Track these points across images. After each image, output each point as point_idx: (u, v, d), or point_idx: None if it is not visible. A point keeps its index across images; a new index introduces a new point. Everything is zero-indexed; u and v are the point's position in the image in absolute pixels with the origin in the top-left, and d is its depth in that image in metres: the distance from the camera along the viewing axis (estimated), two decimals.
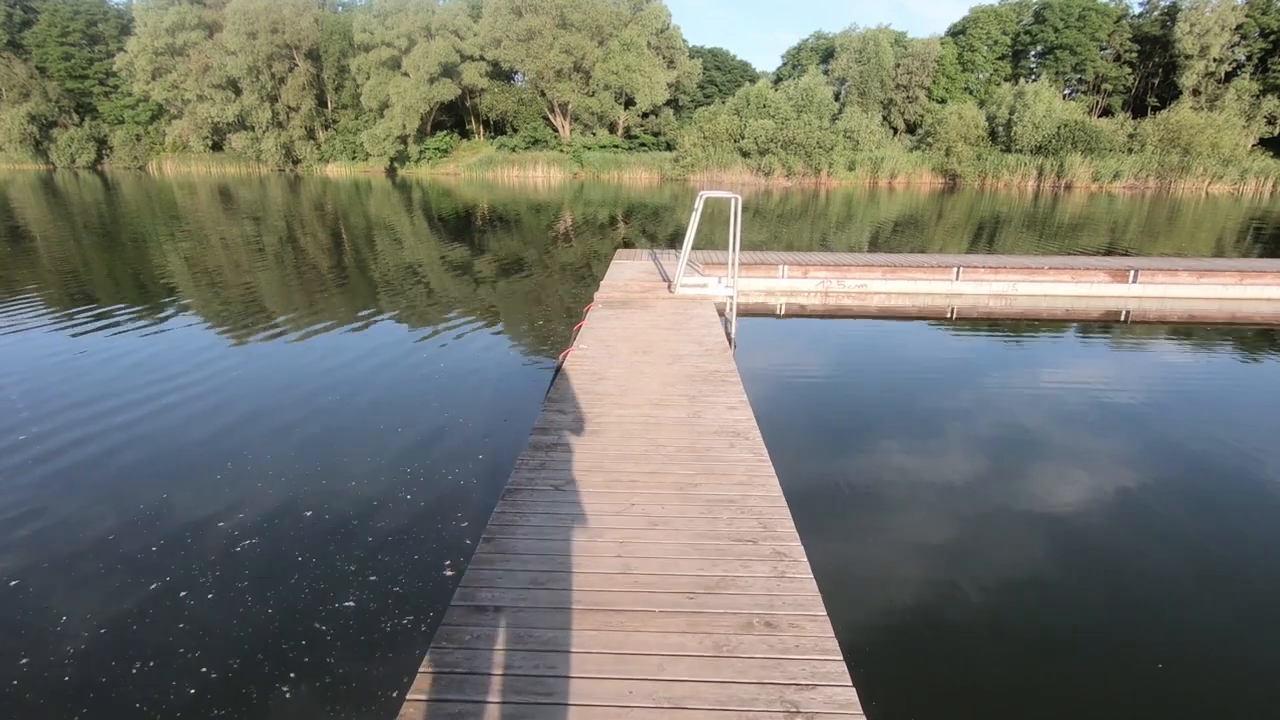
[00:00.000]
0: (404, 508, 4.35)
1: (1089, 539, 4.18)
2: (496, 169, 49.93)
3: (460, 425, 5.67)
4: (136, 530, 4.07)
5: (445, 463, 4.96)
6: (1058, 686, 3.02)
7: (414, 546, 3.91)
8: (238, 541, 3.95)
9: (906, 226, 22.39)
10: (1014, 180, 42.71)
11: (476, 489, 4.60)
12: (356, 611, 3.36)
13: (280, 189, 38.31)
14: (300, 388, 6.57)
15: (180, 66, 52.64)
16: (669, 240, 19.08)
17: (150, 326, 8.79)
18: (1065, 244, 17.61)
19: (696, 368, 5.78)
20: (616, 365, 5.83)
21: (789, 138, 43.11)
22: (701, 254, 11.68)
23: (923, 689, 3.01)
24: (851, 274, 10.95)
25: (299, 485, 4.62)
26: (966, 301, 10.77)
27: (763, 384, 7.01)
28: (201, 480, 4.69)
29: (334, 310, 9.81)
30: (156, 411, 5.91)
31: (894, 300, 10.80)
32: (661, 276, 9.55)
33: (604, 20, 50.26)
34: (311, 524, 4.14)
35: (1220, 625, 3.43)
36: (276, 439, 5.37)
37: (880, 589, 3.64)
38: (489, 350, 7.90)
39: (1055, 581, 3.76)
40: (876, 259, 11.50)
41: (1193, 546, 4.12)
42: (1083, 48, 52.56)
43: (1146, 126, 42.62)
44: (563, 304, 10.31)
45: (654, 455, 3.96)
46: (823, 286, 10.96)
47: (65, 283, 11.61)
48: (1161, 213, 28.17)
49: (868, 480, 4.91)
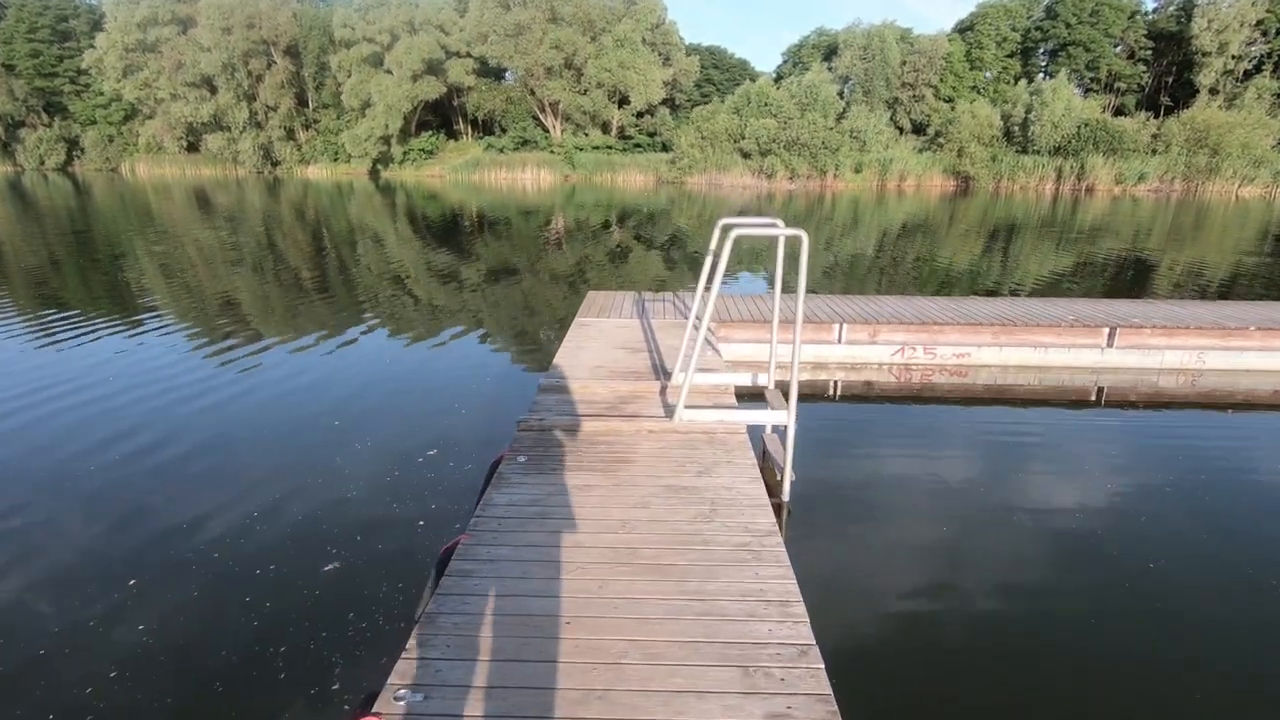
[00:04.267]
0: (385, 512, 4.02)
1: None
2: (483, 171, 45.55)
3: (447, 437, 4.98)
4: (118, 536, 3.87)
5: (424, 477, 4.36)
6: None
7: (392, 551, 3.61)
8: (204, 549, 3.69)
9: (915, 231, 20.02)
10: (1031, 183, 38.62)
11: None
12: (332, 616, 3.14)
13: (258, 192, 34.49)
14: (271, 399, 6.00)
15: (152, 64, 48.07)
16: (663, 253, 15.57)
17: (122, 338, 8.01)
18: (1086, 250, 15.09)
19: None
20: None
21: (792, 138, 38.89)
22: (701, 294, 7.57)
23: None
24: (945, 336, 6.87)
25: (273, 495, 4.25)
26: (1125, 379, 6.72)
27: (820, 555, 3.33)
28: (181, 491, 4.33)
29: (311, 323, 8.84)
30: (130, 421, 5.42)
31: (1011, 376, 6.75)
32: (653, 365, 5.44)
33: (596, 15, 45.83)
34: (286, 532, 3.85)
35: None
36: (249, 451, 4.90)
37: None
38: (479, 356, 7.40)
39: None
40: (982, 308, 7.40)
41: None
42: (1096, 44, 48.32)
43: (1171, 126, 38.50)
44: (554, 314, 9.25)
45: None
46: (902, 357, 6.88)
47: (33, 291, 10.65)
48: (1191, 216, 25.12)
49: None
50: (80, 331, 8.23)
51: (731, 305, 7.54)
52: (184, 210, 25.14)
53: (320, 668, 2.86)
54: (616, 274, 12.76)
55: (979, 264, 14.21)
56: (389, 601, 3.25)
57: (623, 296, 7.97)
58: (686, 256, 15.15)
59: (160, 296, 10.33)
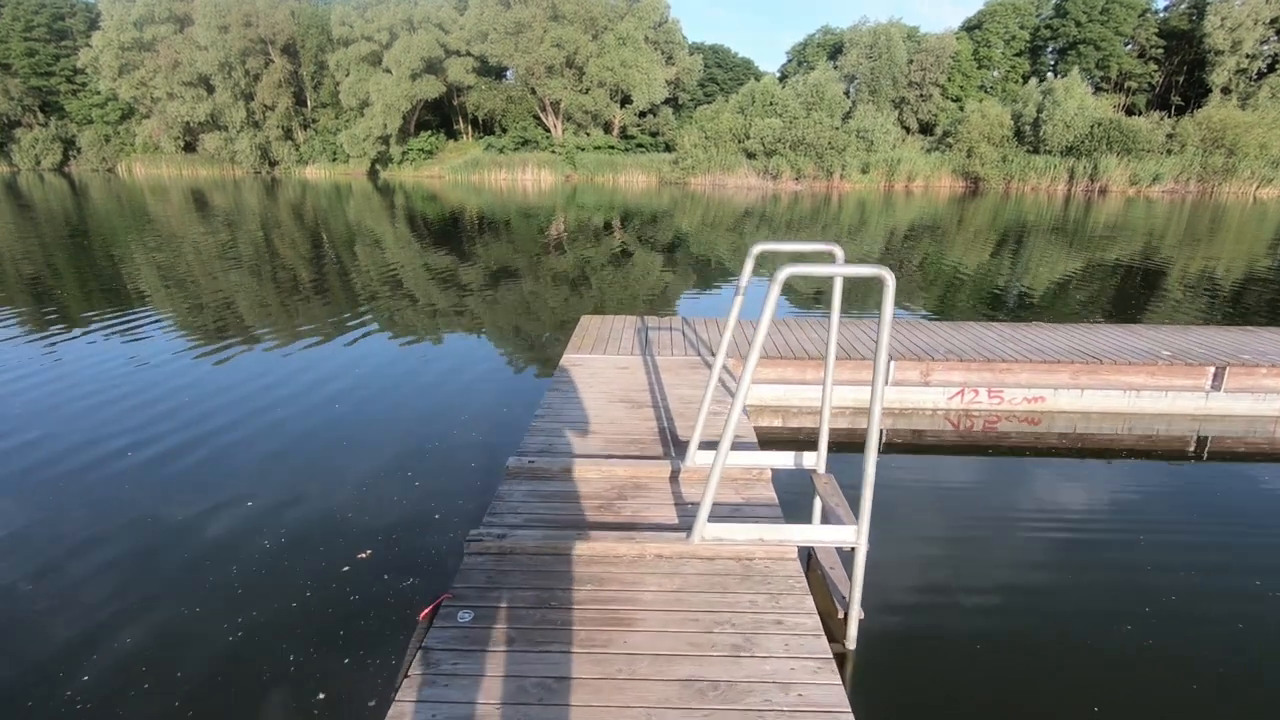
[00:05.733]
0: (393, 514, 3.93)
1: None
2: (483, 171, 44.19)
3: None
4: (121, 539, 3.76)
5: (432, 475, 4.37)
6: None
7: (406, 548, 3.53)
8: (206, 552, 3.60)
9: (923, 233, 19.04)
10: (1043, 184, 37.22)
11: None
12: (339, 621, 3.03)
13: (256, 193, 33.21)
14: (269, 403, 5.76)
15: (149, 62, 46.76)
16: (664, 255, 14.60)
17: (122, 337, 7.85)
18: (1097, 253, 14.65)
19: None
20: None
21: (798, 138, 37.49)
22: (700, 319, 6.31)
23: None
24: (1014, 375, 5.58)
25: (273, 499, 4.16)
26: (1233, 428, 5.43)
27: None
28: (184, 490, 4.29)
29: (307, 325, 8.53)
30: (134, 424, 5.33)
31: (1094, 423, 5.45)
32: (660, 429, 4.12)
33: (598, 12, 44.41)
34: (290, 533, 3.77)
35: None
36: (242, 452, 4.82)
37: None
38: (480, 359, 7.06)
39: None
40: (1054, 339, 6.08)
41: None
42: (1106, 43, 46.86)
43: (1187, 125, 37.01)
44: (555, 317, 9.00)
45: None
46: (960, 402, 5.59)
47: (32, 292, 10.35)
48: (1209, 218, 23.96)
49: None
50: (80, 332, 8.10)
51: (749, 329, 6.25)
52: (180, 212, 24.03)
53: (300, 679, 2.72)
54: (618, 276, 12.12)
55: (1011, 273, 12.87)
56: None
57: (621, 323, 6.68)
58: (690, 258, 14.38)
59: (155, 299, 10.02)
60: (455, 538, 3.62)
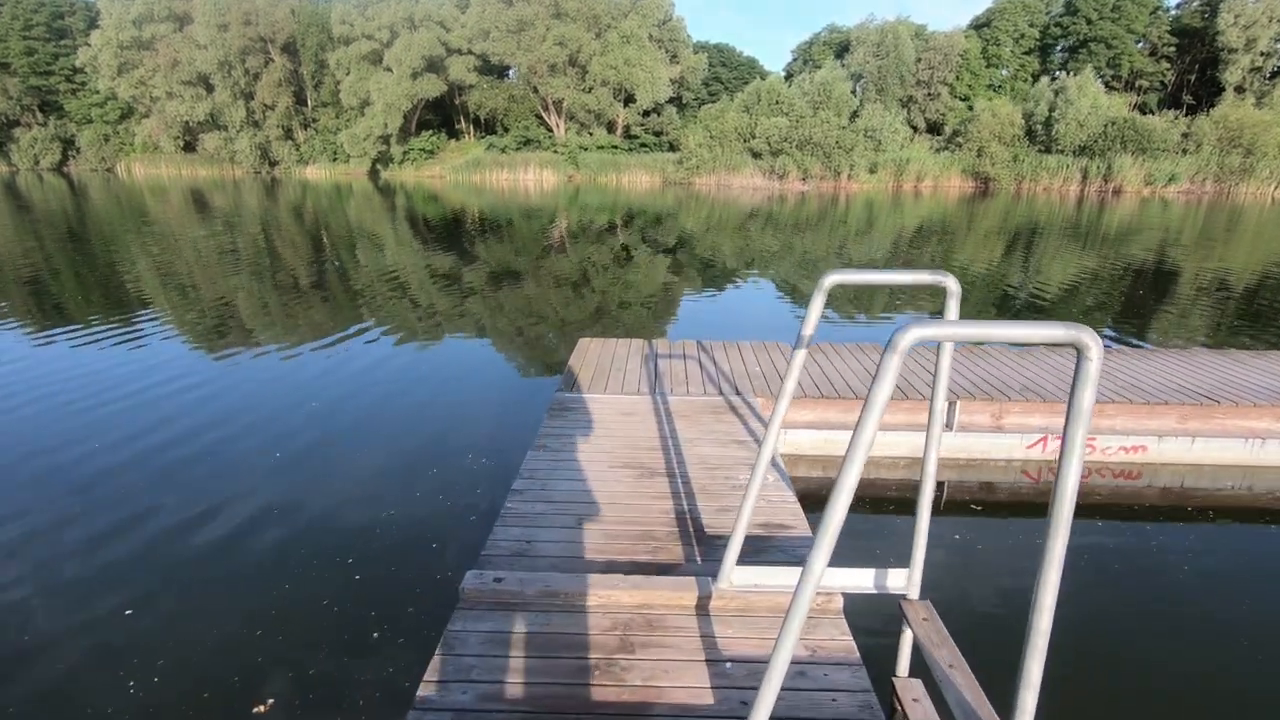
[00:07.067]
0: (408, 514, 3.85)
1: None
2: (485, 171, 43.06)
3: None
4: (131, 539, 3.71)
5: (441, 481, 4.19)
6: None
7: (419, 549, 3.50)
8: (214, 555, 3.55)
9: (931, 235, 18.28)
10: (1055, 184, 36.01)
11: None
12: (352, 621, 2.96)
13: (256, 193, 32.22)
14: (272, 409, 5.59)
15: (148, 61, 45.71)
16: (668, 257, 14.09)
17: (126, 343, 7.48)
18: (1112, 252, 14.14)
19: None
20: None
21: (805, 137, 36.32)
22: (699, 341, 5.21)
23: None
24: (1108, 420, 4.49)
25: (280, 503, 4.06)
26: None
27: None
28: (191, 492, 4.19)
29: (304, 327, 8.25)
30: (138, 425, 5.22)
31: (1206, 477, 4.37)
32: (679, 515, 3.02)
33: (601, 10, 43.21)
34: (301, 537, 3.72)
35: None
36: (260, 455, 4.69)
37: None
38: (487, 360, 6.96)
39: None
40: (1153, 369, 4.95)
41: None
42: (1118, 40, 45.52)
43: (1203, 125, 35.76)
44: (556, 321, 8.58)
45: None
46: (1043, 451, 4.50)
47: (33, 294, 10.01)
48: (1230, 219, 22.99)
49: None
50: (80, 332, 7.94)
51: (776, 359, 5.16)
52: (180, 213, 23.17)
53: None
54: (619, 277, 11.75)
55: (1063, 277, 11.75)
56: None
57: (625, 349, 5.59)
58: (696, 261, 13.75)
59: (154, 300, 9.80)
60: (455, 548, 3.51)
